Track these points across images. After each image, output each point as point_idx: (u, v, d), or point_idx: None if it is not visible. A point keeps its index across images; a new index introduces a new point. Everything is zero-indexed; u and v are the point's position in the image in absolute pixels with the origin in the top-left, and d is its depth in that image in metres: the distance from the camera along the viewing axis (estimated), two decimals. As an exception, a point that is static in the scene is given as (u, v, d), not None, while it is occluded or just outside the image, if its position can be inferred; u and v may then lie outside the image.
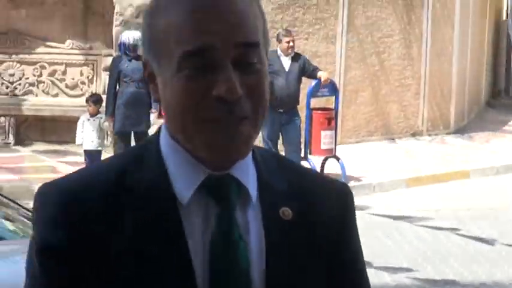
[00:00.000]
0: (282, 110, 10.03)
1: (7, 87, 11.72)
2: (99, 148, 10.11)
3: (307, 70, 10.46)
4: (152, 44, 1.15)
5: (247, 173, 1.20)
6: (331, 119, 10.50)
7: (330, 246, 1.25)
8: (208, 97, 1.08)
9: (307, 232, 1.23)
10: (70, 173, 1.36)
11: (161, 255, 1.15)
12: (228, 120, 1.10)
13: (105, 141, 10.44)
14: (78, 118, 10.21)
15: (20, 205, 5.75)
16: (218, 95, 1.07)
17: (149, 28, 1.16)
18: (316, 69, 10.56)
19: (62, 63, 11.88)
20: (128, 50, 10.04)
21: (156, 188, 1.17)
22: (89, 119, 9.97)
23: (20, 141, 11.49)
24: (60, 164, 11.04)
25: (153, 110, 10.07)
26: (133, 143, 9.85)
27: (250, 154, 1.20)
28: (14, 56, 11.76)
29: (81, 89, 12.03)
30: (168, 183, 1.17)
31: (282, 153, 8.76)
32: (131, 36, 10.18)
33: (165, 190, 1.17)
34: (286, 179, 1.24)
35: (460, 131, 13.39)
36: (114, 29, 11.43)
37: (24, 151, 11.38)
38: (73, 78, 11.96)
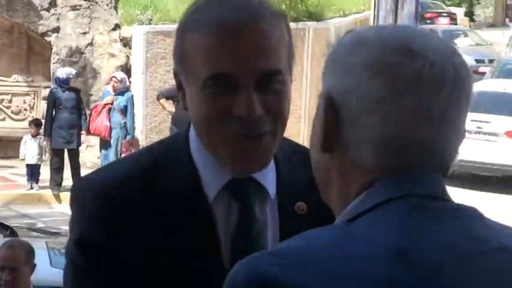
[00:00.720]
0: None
1: (-38, 114, 12.08)
2: (39, 162, 10.73)
3: None
4: (181, 59, 1.09)
5: (266, 174, 1.14)
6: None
7: None
8: (230, 115, 1.04)
9: (322, 224, 1.01)
10: (101, 168, 1.42)
11: (194, 245, 1.10)
12: (248, 136, 1.06)
13: (44, 157, 10.95)
14: (21, 138, 10.83)
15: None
16: (239, 115, 1.03)
17: (179, 44, 1.10)
18: None
19: (8, 94, 12.32)
20: (62, 83, 10.57)
21: (187, 185, 1.13)
22: (30, 139, 10.60)
23: (-27, 157, 11.76)
24: (7, 174, 11.56)
25: (82, 132, 10.64)
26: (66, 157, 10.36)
27: None
28: (-32, 88, 11.96)
29: (24, 115, 12.40)
30: (199, 181, 1.13)
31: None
32: (65, 72, 10.78)
33: (196, 188, 1.13)
34: (306, 173, 1.06)
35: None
36: (52, 66, 11.93)
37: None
38: (17, 106, 12.42)
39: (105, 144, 10.94)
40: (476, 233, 0.86)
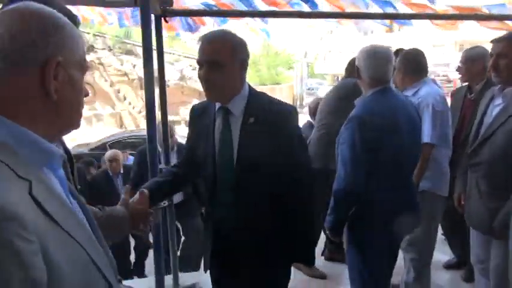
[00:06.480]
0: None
1: None
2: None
3: None
4: None
5: (238, 106, 2.25)
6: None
7: (273, 135, 2.14)
8: None
9: (261, 128, 2.15)
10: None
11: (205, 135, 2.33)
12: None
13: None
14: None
15: None
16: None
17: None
18: None
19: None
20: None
21: (208, 109, 2.36)
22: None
23: None
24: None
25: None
26: None
27: (244, 93, 2.28)
28: None
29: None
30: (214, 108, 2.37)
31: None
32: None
33: (212, 110, 2.34)
34: (256, 104, 2.25)
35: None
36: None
37: None
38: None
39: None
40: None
